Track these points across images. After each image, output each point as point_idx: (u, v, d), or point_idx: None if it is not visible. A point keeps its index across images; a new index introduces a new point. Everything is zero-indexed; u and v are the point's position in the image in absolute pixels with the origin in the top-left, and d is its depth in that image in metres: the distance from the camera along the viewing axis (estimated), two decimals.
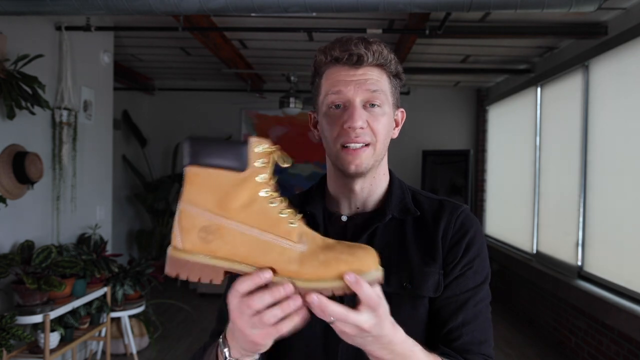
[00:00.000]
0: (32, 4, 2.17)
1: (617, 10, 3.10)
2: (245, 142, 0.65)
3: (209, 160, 0.64)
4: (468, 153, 5.40)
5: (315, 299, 0.61)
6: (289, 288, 0.63)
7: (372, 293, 0.63)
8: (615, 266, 3.15)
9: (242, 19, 3.51)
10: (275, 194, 0.67)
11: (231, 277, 0.70)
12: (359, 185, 0.89)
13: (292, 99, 4.77)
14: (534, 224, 4.41)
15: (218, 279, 0.65)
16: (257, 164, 0.65)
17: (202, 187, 0.64)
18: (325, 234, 0.86)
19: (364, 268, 0.65)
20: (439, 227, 0.87)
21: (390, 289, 0.82)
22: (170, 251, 0.65)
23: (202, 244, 0.64)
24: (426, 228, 0.88)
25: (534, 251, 4.37)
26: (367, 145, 0.84)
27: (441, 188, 5.64)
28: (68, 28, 3.11)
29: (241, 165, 0.65)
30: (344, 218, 0.91)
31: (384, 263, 0.82)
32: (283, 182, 5.97)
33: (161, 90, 5.88)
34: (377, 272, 0.67)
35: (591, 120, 3.45)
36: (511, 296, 4.72)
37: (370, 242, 0.86)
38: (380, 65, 0.85)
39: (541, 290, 4.08)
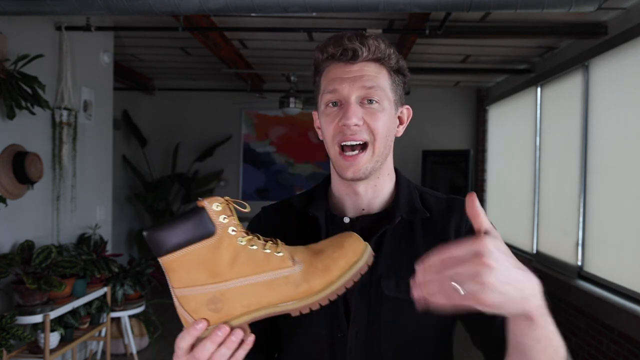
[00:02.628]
0: (32, 4, 2.17)
1: (617, 10, 3.10)
2: (200, 209, 0.65)
3: (177, 242, 0.65)
4: (468, 153, 5.40)
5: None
6: (224, 329, 0.66)
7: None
8: (615, 266, 3.15)
9: (242, 19, 3.51)
10: (249, 236, 0.68)
11: None
12: (362, 188, 0.87)
13: (292, 99, 4.77)
14: (534, 224, 4.41)
15: (247, 334, 0.68)
16: (222, 220, 0.66)
17: (185, 268, 0.65)
18: (328, 237, 0.86)
19: (358, 254, 0.69)
20: (450, 226, 0.85)
21: (401, 294, 0.81)
22: None
23: (216, 315, 0.66)
24: (435, 229, 0.86)
25: (534, 251, 4.37)
26: (364, 149, 0.82)
27: (441, 188, 5.63)
28: (68, 28, 3.11)
29: (208, 229, 0.65)
30: (346, 220, 0.88)
31: (393, 267, 0.82)
32: (283, 182, 6.01)
33: (161, 90, 5.88)
34: (368, 249, 0.72)
35: (591, 120, 3.45)
36: None
37: (378, 246, 0.83)
38: (378, 60, 0.82)
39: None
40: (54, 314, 2.50)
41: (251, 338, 0.68)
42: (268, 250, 0.68)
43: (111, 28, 3.56)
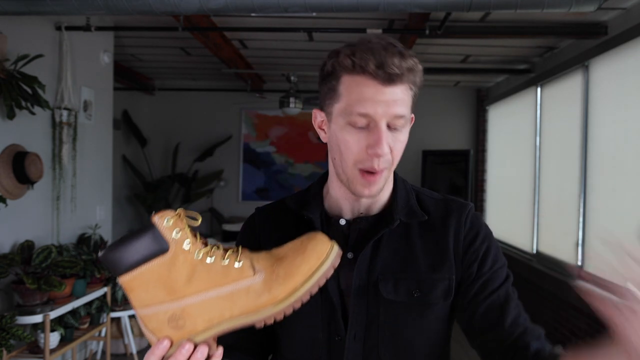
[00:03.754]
0: (32, 4, 2.17)
1: (617, 10, 3.10)
2: (151, 225, 0.65)
3: (132, 261, 0.64)
4: (468, 153, 5.40)
5: None
6: (188, 346, 0.65)
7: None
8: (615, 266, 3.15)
9: (242, 19, 3.51)
10: (207, 248, 0.67)
11: None
12: None
13: (292, 99, 4.76)
14: (534, 224, 4.41)
15: (213, 348, 0.67)
16: (174, 235, 0.65)
17: (143, 287, 0.65)
18: None
19: (322, 256, 0.67)
20: (449, 230, 0.85)
21: (399, 297, 0.81)
22: None
23: (179, 332, 0.65)
24: (433, 232, 0.85)
25: (534, 251, 4.37)
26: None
27: (441, 188, 5.63)
28: (68, 28, 3.11)
29: (161, 246, 0.65)
30: (342, 222, 0.87)
31: (391, 270, 0.82)
32: (283, 182, 6.01)
33: (161, 90, 5.88)
34: (334, 249, 0.69)
35: (591, 120, 3.45)
36: None
37: (376, 249, 0.83)
38: (409, 81, 0.78)
39: (541, 290, 4.08)
40: (54, 314, 2.50)
41: (219, 351, 0.68)
42: (227, 262, 0.66)
43: (111, 28, 3.56)
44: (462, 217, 0.86)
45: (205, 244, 0.68)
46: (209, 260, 0.66)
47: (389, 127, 0.77)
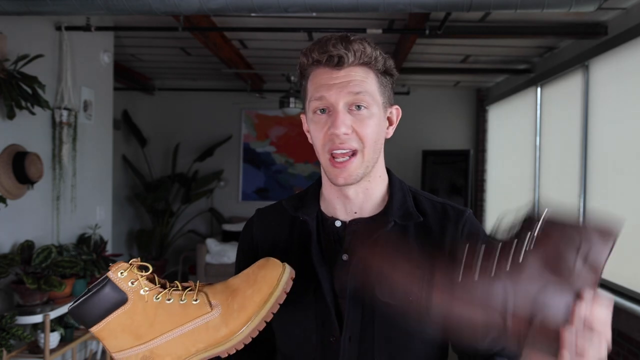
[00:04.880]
0: (32, 4, 2.17)
1: (617, 10, 3.10)
2: (107, 281, 0.70)
3: (97, 314, 0.70)
4: (468, 153, 5.40)
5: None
6: None
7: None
8: (615, 266, 3.15)
9: (242, 19, 3.51)
10: (165, 290, 0.72)
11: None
12: (353, 191, 0.86)
13: (292, 99, 4.76)
14: None
15: None
16: (131, 285, 0.70)
17: (112, 336, 0.71)
18: (319, 241, 0.86)
19: (272, 286, 0.72)
20: (446, 236, 0.84)
21: (395, 301, 0.79)
22: None
23: None
24: (430, 235, 0.84)
25: None
26: (353, 154, 0.80)
27: (441, 188, 5.63)
28: (68, 28, 3.11)
29: (121, 297, 0.70)
30: (337, 223, 0.87)
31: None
32: (283, 182, 6.01)
33: (161, 90, 5.88)
34: (285, 273, 0.73)
35: (591, 120, 3.45)
36: None
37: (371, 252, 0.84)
38: (365, 64, 0.80)
39: None
40: (54, 314, 2.50)
41: None
42: (184, 301, 0.71)
43: (111, 28, 3.56)
44: (460, 224, 0.85)
45: (164, 286, 0.73)
46: (167, 302, 0.71)
47: (350, 109, 0.79)
